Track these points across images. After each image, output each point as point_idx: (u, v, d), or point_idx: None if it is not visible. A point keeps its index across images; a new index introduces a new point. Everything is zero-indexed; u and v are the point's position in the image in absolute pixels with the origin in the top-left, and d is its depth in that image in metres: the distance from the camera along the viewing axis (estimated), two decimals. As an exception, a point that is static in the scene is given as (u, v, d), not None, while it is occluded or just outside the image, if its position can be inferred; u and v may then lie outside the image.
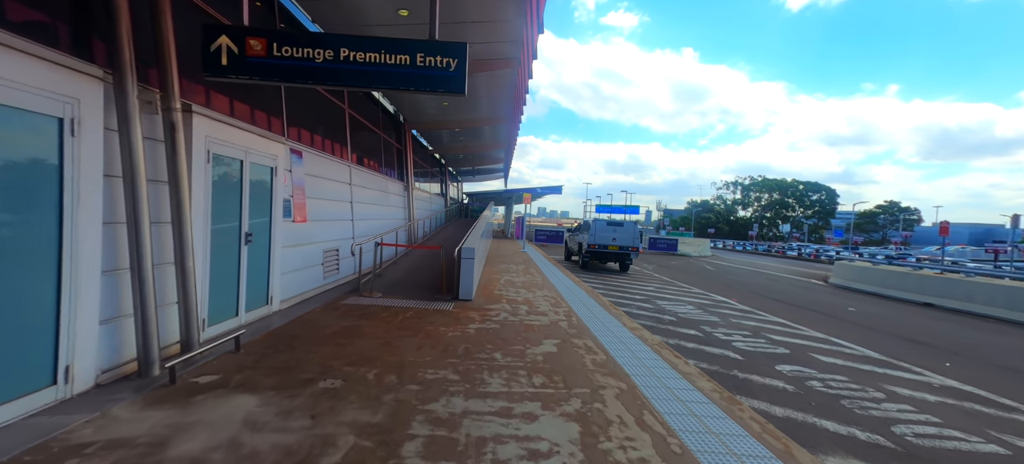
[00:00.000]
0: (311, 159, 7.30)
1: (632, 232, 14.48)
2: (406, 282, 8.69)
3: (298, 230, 6.75)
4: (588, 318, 6.71)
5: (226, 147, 4.67)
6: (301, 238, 6.84)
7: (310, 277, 7.14)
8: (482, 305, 7.14)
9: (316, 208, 7.45)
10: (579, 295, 8.81)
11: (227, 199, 4.82)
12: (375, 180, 11.22)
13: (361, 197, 9.97)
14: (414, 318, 5.99)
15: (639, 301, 9.77)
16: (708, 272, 17.82)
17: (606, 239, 14.44)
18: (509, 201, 36.57)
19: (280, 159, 5.87)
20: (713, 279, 15.17)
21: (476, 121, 14.95)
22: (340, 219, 8.58)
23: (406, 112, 13.92)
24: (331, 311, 6.13)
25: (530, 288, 9.29)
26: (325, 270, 7.76)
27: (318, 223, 7.52)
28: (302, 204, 6.88)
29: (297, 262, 6.69)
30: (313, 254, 7.27)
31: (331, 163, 8.23)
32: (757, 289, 13.17)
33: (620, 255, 14.62)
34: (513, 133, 18.17)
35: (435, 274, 9.43)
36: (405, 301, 7.05)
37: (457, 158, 26.44)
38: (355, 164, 9.66)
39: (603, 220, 14.53)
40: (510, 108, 13.77)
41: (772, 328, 7.68)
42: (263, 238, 5.58)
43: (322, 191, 7.75)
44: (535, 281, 10.34)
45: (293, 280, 6.53)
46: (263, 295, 5.64)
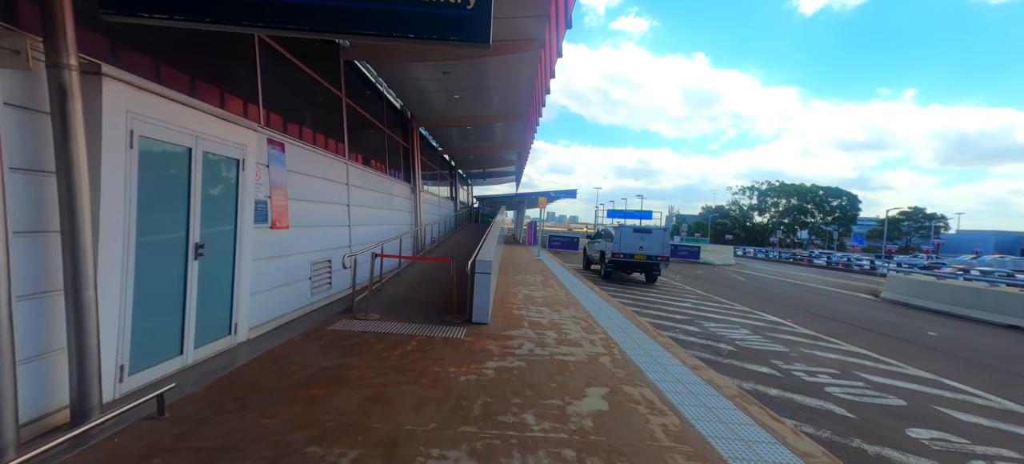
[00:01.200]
0: (297, 154, 6.10)
1: (661, 240, 13.10)
2: (409, 299, 7.43)
3: (278, 239, 5.54)
4: (633, 349, 5.38)
5: (162, 128, 3.46)
6: (282, 248, 5.62)
7: (293, 295, 5.91)
8: (500, 330, 5.85)
9: (303, 212, 6.24)
10: (612, 315, 7.48)
11: (165, 200, 3.61)
12: (378, 181, 10.02)
13: (361, 200, 8.76)
14: (416, 352, 4.72)
15: (681, 322, 8.40)
16: (740, 283, 16.33)
17: (632, 247, 13.08)
18: (521, 205, 35.33)
19: (251, 150, 4.66)
20: (750, 292, 13.70)
21: (489, 118, 13.74)
22: (334, 225, 7.37)
23: (413, 107, 12.74)
24: (313, 342, 4.88)
25: (553, 305, 7.98)
26: (313, 285, 6.54)
27: (305, 230, 6.30)
28: (283, 207, 5.67)
29: (276, 277, 5.47)
30: (298, 267, 6.05)
31: (323, 159, 7.02)
32: (805, 306, 11.69)
33: (647, 265, 13.25)
34: (529, 134, 16.91)
35: (443, 289, 8.17)
36: (407, 325, 5.79)
37: (467, 159, 25.27)
38: (354, 162, 8.46)
39: (629, 227, 13.19)
40: (526, 103, 12.52)
41: (859, 363, 6.27)
42: (224, 250, 4.36)
43: (311, 192, 6.54)
44: (558, 297, 9.02)
45: (269, 301, 5.31)
46: (223, 323, 4.41)
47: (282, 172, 5.67)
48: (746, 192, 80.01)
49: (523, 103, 12.48)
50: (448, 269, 8.44)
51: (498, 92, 11.30)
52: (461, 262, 6.63)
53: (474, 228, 23.35)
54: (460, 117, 13.59)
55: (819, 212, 73.00)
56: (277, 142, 5.55)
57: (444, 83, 10.29)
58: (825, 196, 72.14)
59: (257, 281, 5.01)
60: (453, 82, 10.20)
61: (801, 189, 73.88)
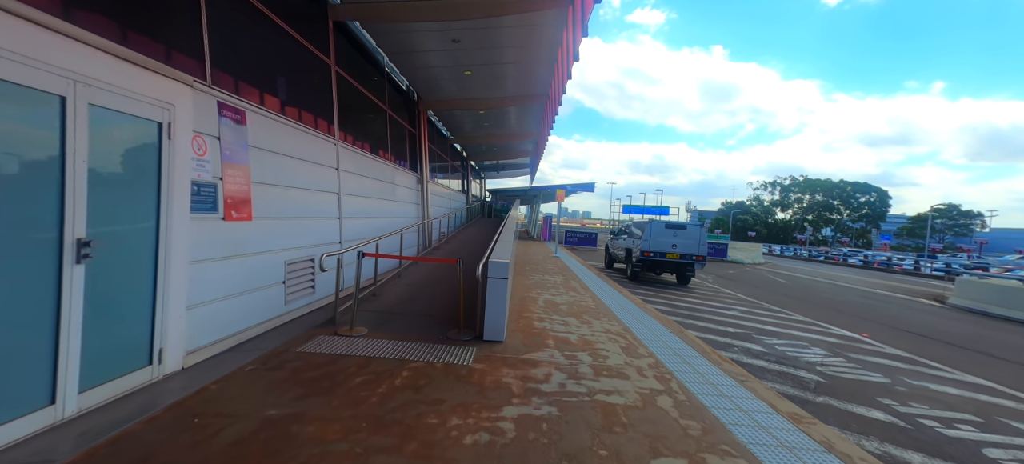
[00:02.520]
0: (266, 127, 4.86)
1: (697, 238, 11.62)
2: (408, 307, 6.16)
3: (235, 233, 4.31)
4: (696, 383, 4.02)
5: (6, 61, 2.22)
6: (240, 245, 4.39)
7: (258, 305, 4.69)
8: (519, 352, 4.55)
9: (275, 200, 5.01)
10: (653, 329, 6.12)
11: (16, 174, 2.38)
12: (377, 167, 8.77)
13: (355, 188, 7.52)
14: (407, 389, 3.45)
15: (737, 337, 6.97)
16: (781, 285, 14.74)
17: (664, 245, 11.63)
18: (536, 199, 33.94)
19: (182, 112, 3.42)
20: (798, 297, 12.14)
21: (503, 100, 12.39)
22: (319, 217, 6.14)
23: (420, 87, 11.47)
24: (269, 372, 3.64)
25: (581, 314, 6.65)
26: (290, 291, 5.32)
27: (278, 223, 5.07)
28: (244, 192, 4.43)
29: (231, 283, 4.24)
30: (265, 269, 4.83)
31: (306, 138, 5.78)
32: (870, 315, 10.11)
33: (681, 265, 11.78)
34: (547, 120, 15.51)
35: (450, 293, 6.90)
36: (401, 344, 4.53)
37: (480, 150, 23.96)
38: (347, 144, 7.21)
39: (660, 223, 11.73)
40: (546, 83, 11.13)
41: (997, 404, 4.78)
42: (139, 249, 3.13)
43: (288, 175, 5.31)
44: (584, 303, 7.68)
45: (220, 314, 4.09)
46: (138, 351, 3.18)
47: (242, 148, 4.43)
48: (768, 188, 77.24)
49: (542, 82, 11.10)
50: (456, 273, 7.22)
51: (514, 67, 9.94)
52: (471, 263, 5.35)
53: (487, 223, 22.09)
54: (472, 99, 12.27)
55: (845, 208, 69.94)
56: (234, 109, 4.30)
57: (454, 55, 8.97)
58: (852, 192, 69.04)
59: (200, 289, 3.78)
60: (464, 54, 8.89)
61: (827, 184, 70.84)
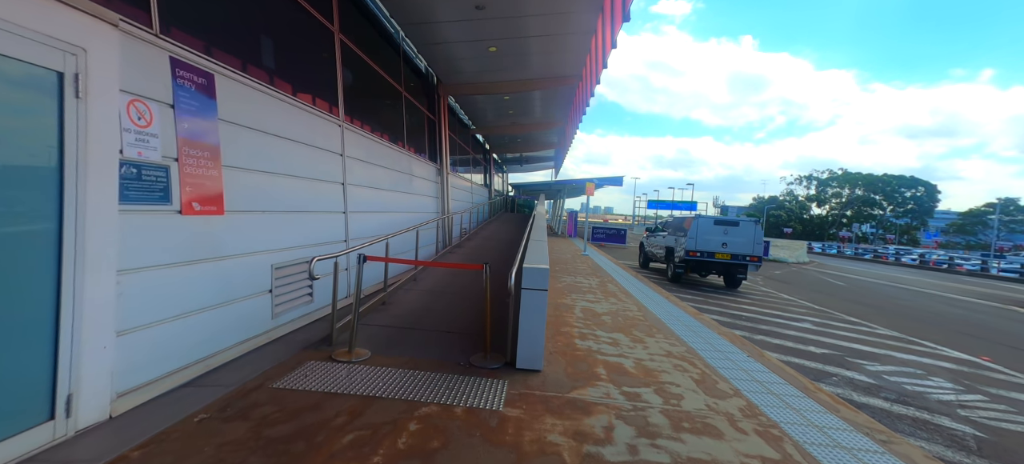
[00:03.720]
0: (244, 98, 3.87)
1: (751, 236, 10.21)
2: (423, 321, 5.12)
3: (200, 232, 3.34)
4: (824, 448, 2.83)
5: None
6: (208, 246, 3.42)
7: (234, 322, 3.72)
8: (564, 390, 3.44)
9: (258, 190, 4.04)
10: (723, 349, 4.92)
11: None
12: (390, 155, 7.78)
13: (365, 178, 6.54)
14: (414, 457, 2.39)
15: (828, 361, 5.68)
16: (841, 289, 13.13)
17: (713, 244, 10.28)
18: (560, 193, 32.64)
19: (98, 60, 2.43)
20: (868, 303, 10.61)
21: (530, 83, 11.23)
22: (318, 210, 5.16)
23: (440, 68, 10.42)
24: (227, 424, 2.64)
25: (629, 329, 5.49)
26: (279, 301, 4.35)
27: (261, 218, 4.10)
28: (211, 179, 3.46)
29: (193, 296, 3.28)
30: (246, 276, 3.86)
31: (299, 115, 4.79)
32: (967, 328, 8.55)
33: (732, 266, 10.41)
34: (578, 106, 14.27)
35: (473, 302, 5.84)
36: (411, 373, 3.49)
37: (502, 141, 22.86)
38: (354, 127, 6.23)
39: (708, 218, 10.37)
40: (579, 60, 9.92)
41: None
42: (26, 257, 2.16)
43: (276, 160, 4.33)
44: (629, 312, 6.51)
45: (176, 338, 3.12)
46: (33, 400, 2.23)
47: (209, 123, 3.45)
48: (803, 182, 73.51)
49: (574, 61, 9.89)
50: (481, 280, 6.20)
51: (543, 42, 8.77)
52: (498, 266, 4.26)
53: (510, 218, 21.03)
54: (496, 82, 11.16)
55: (888, 204, 65.76)
56: (196, 70, 3.32)
57: (478, 27, 7.88)
58: (897, 186, 64.80)
59: (140, 307, 2.81)
60: (489, 25, 7.78)
61: (869, 178, 66.75)
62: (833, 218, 68.86)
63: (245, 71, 3.96)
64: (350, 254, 4.74)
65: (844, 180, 69.13)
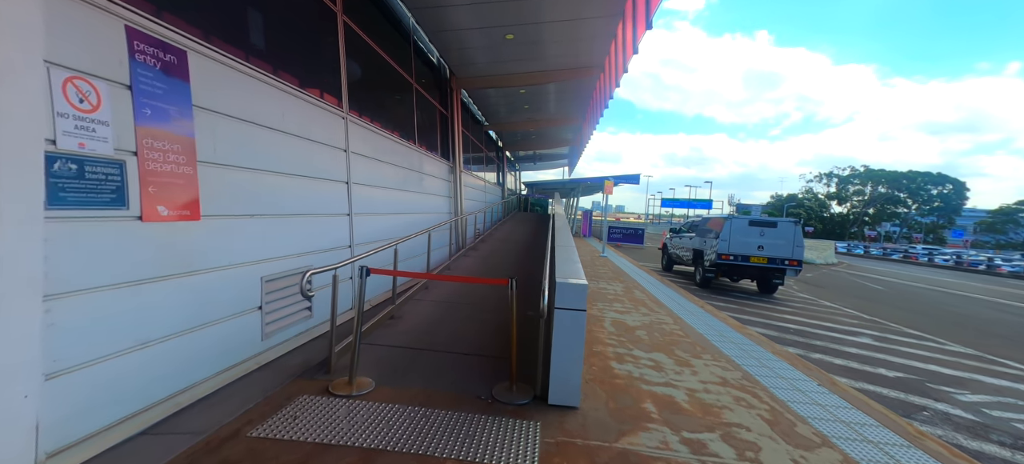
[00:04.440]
0: (225, 82, 3.27)
1: (789, 238, 9.39)
2: (436, 339, 4.48)
3: (167, 241, 2.74)
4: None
5: None
6: (178, 258, 2.83)
7: (212, 348, 3.12)
8: (610, 437, 2.78)
9: (243, 189, 3.44)
10: (786, 374, 4.21)
11: None
12: (399, 152, 7.17)
13: (370, 176, 5.93)
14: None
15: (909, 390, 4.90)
16: (884, 294, 12.20)
17: (748, 247, 9.48)
18: (573, 192, 31.88)
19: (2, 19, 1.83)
20: (919, 311, 9.71)
21: (549, 74, 10.53)
22: (318, 213, 4.56)
23: (453, 59, 9.79)
24: (185, 495, 2.04)
25: (670, 346, 4.81)
26: (271, 319, 3.76)
27: (248, 223, 3.50)
28: (183, 177, 2.86)
29: (156, 321, 2.68)
30: (228, 292, 3.26)
31: (295, 105, 4.19)
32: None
33: (768, 271, 9.60)
34: (598, 99, 13.54)
35: (494, 314, 5.19)
36: (423, 411, 2.86)
37: (515, 138, 22.17)
38: (358, 120, 5.62)
39: (742, 219, 9.56)
40: (603, 47, 9.21)
41: None
42: None
43: (266, 155, 3.73)
44: (665, 325, 5.82)
45: (132, 375, 2.53)
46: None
47: (181, 109, 2.85)
48: (823, 179, 71.42)
49: (598, 49, 9.18)
50: (503, 293, 5.57)
51: (565, 28, 8.08)
52: (518, 271, 3.61)
53: (525, 218, 20.35)
54: (512, 74, 10.48)
55: (913, 201, 63.44)
56: (161, 44, 2.72)
57: (494, 10, 7.23)
58: (922, 183, 62.48)
59: (85, 340, 2.22)
60: (506, 7, 7.12)
61: (892, 175, 64.53)
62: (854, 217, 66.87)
63: (230, 51, 3.36)
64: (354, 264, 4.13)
65: (866, 177, 66.98)
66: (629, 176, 24.76)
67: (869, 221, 64.53)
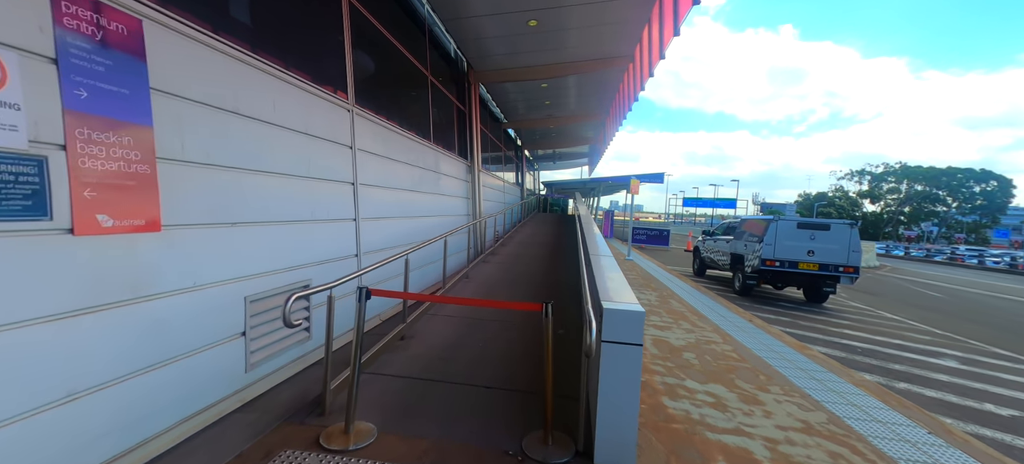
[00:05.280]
0: (193, 58, 2.68)
1: (844, 242, 8.42)
2: (452, 366, 3.83)
3: (109, 259, 2.15)
4: None
5: None
6: (132, 280, 2.24)
7: (180, 386, 2.54)
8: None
9: (220, 191, 2.84)
10: (879, 413, 3.42)
11: None
12: (413, 150, 6.57)
13: (380, 177, 5.34)
14: None
15: None
16: (944, 303, 11.05)
17: (796, 252, 8.56)
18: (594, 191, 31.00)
19: None
20: (994, 324, 8.61)
21: (573, 65, 9.80)
22: (318, 218, 3.97)
23: (471, 51, 9.16)
24: None
25: (727, 376, 4.05)
26: (257, 347, 3.17)
27: (227, 232, 2.90)
28: (139, 180, 2.28)
29: (102, 361, 2.09)
30: (200, 317, 2.67)
31: (287, 92, 3.60)
32: None
33: (820, 279, 8.65)
34: (626, 92, 12.76)
35: (520, 336, 4.50)
36: (434, 486, 2.21)
37: (534, 136, 21.49)
38: (366, 113, 5.03)
39: (790, 221, 8.62)
40: (635, 33, 8.45)
41: None
42: None
43: (251, 151, 3.14)
44: (712, 343, 5.05)
45: (64, 431, 1.94)
46: None
47: (133, 91, 2.27)
48: (854, 177, 68.41)
49: (629, 35, 8.43)
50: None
51: (592, 12, 7.34)
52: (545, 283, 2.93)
53: (545, 219, 19.64)
54: (534, 66, 9.79)
55: (953, 199, 60.07)
56: (101, 8, 2.13)
57: (515, -6, 6.56)
58: (964, 180, 59.12)
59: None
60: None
61: (931, 172, 61.28)
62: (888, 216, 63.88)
63: (204, 26, 2.77)
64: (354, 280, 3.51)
65: (902, 174, 63.85)
66: (653, 175, 23.78)
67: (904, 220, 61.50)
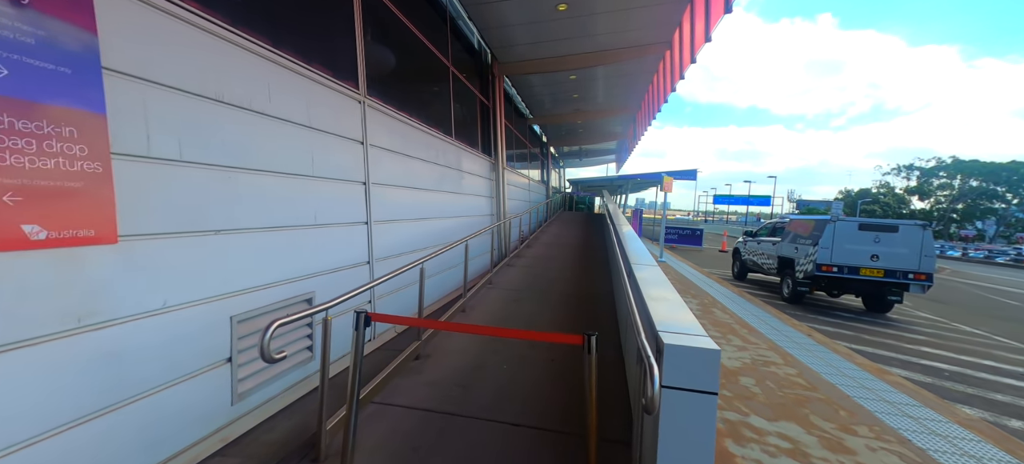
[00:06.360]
0: (160, 31, 2.23)
1: (915, 245, 7.44)
2: (471, 399, 3.29)
3: (54, 277, 1.71)
4: None
5: None
6: (77, 305, 1.80)
7: (144, 431, 2.10)
8: None
9: (198, 192, 2.40)
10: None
11: None
12: (432, 146, 6.09)
13: (395, 175, 4.87)
14: None
15: None
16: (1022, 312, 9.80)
17: (857, 256, 7.64)
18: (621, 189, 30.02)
19: None
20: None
21: (602, 55, 9.12)
22: (322, 223, 3.52)
23: (495, 41, 8.63)
24: None
25: (800, 410, 3.38)
26: (245, 374, 2.73)
27: (206, 241, 2.46)
28: (87, 181, 1.83)
29: (24, 410, 1.66)
30: (171, 344, 2.24)
31: (284, 78, 3.15)
32: None
33: (885, 287, 7.70)
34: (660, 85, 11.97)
35: (548, 357, 3.93)
36: None
37: (560, 132, 20.81)
38: (379, 105, 4.56)
39: (850, 222, 7.68)
40: (670, 19, 7.73)
41: None
42: None
43: (237, 145, 2.69)
44: (772, 364, 4.36)
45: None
46: None
47: (79, 74, 1.82)
48: (901, 171, 64.31)
49: (666, 19, 7.71)
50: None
51: None
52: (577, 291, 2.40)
53: (572, 219, 18.96)
54: (562, 56, 9.17)
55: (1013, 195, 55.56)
56: (30, -37, 1.69)
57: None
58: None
59: None
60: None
61: (988, 166, 56.87)
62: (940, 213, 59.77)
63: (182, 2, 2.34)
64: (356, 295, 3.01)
65: (955, 169, 59.56)
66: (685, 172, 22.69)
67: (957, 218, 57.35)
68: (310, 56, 3.43)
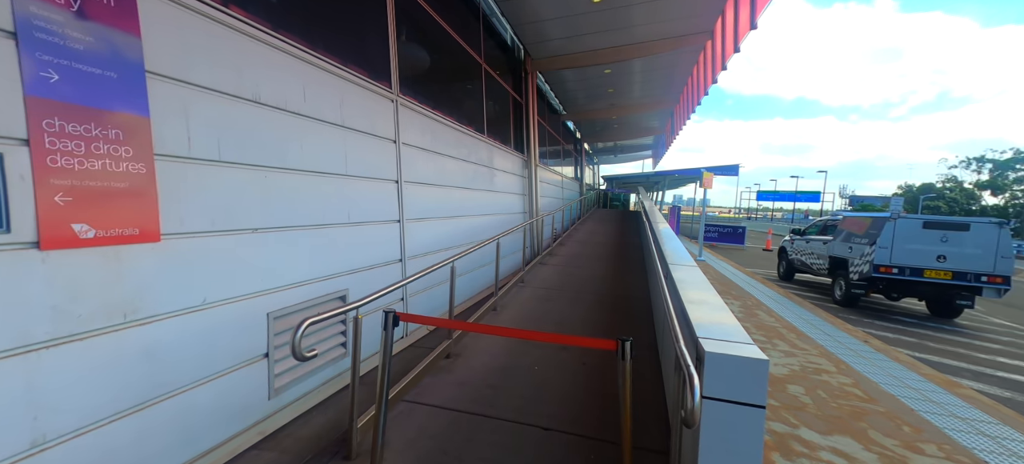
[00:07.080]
0: (204, 38, 2.29)
1: (990, 245, 6.75)
2: (502, 401, 3.24)
3: (98, 275, 1.79)
4: None
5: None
6: (118, 303, 1.88)
7: (182, 424, 2.18)
8: None
9: (237, 192, 2.47)
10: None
11: None
12: (464, 143, 6.09)
13: (427, 173, 4.89)
14: None
15: None
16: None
17: (921, 256, 7.02)
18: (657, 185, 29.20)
19: None
20: None
21: (638, 47, 8.82)
22: (355, 221, 3.56)
23: (528, 36, 8.53)
24: None
25: (856, 424, 3.12)
26: (282, 369, 2.79)
27: (244, 240, 2.53)
28: (131, 181, 1.90)
29: (69, 403, 1.74)
30: (209, 340, 2.31)
31: (321, 80, 3.19)
32: None
33: (953, 289, 7.04)
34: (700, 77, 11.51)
35: (580, 360, 3.82)
36: None
37: (594, 128, 20.44)
38: (412, 103, 4.58)
39: (914, 220, 7.05)
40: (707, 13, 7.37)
41: None
42: None
43: (275, 146, 2.75)
44: (824, 372, 4.06)
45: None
46: None
47: (124, 77, 1.90)
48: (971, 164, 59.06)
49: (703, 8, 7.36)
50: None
51: None
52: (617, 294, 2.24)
53: (606, 216, 18.59)
54: (596, 50, 8.95)
55: (1107, 189, 49.76)
56: (78, -27, 1.76)
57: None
58: (1123, 165, 48.75)
59: None
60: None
61: (1075, 157, 51.22)
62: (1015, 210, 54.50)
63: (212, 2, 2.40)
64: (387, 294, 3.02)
65: (1036, 159, 54.04)
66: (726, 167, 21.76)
67: (1035, 214, 52.02)
68: (344, 56, 3.47)
